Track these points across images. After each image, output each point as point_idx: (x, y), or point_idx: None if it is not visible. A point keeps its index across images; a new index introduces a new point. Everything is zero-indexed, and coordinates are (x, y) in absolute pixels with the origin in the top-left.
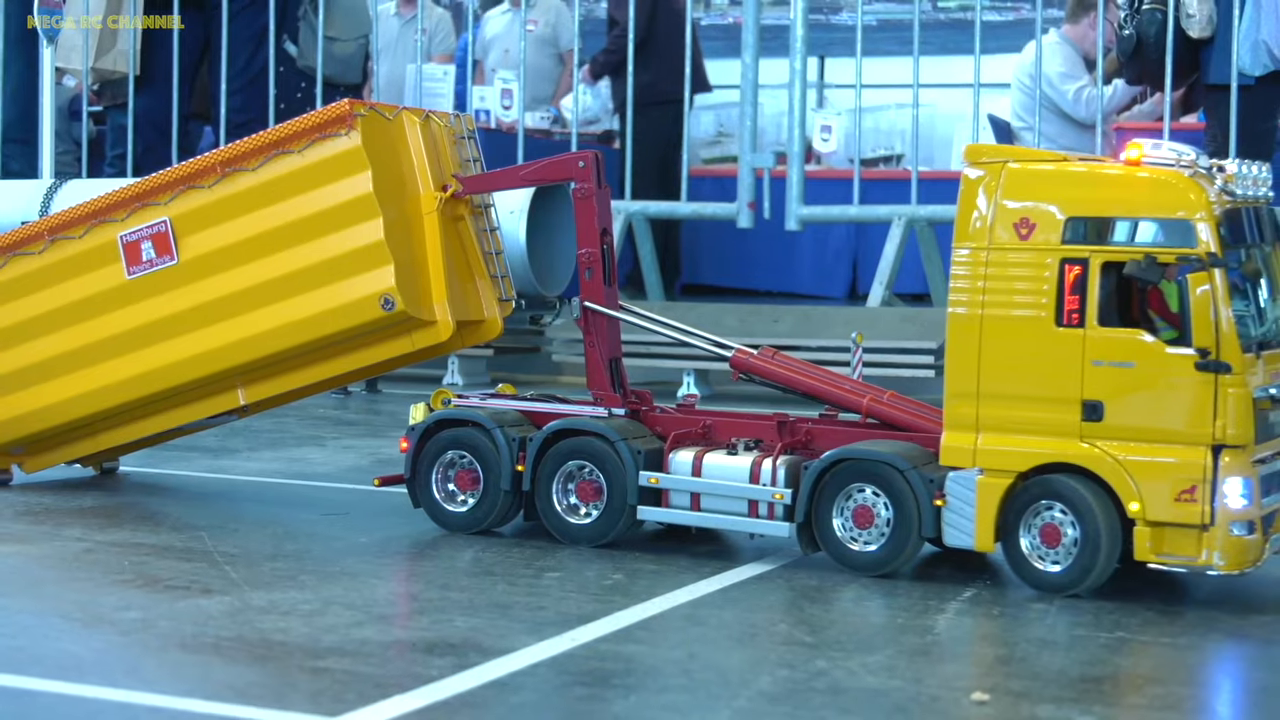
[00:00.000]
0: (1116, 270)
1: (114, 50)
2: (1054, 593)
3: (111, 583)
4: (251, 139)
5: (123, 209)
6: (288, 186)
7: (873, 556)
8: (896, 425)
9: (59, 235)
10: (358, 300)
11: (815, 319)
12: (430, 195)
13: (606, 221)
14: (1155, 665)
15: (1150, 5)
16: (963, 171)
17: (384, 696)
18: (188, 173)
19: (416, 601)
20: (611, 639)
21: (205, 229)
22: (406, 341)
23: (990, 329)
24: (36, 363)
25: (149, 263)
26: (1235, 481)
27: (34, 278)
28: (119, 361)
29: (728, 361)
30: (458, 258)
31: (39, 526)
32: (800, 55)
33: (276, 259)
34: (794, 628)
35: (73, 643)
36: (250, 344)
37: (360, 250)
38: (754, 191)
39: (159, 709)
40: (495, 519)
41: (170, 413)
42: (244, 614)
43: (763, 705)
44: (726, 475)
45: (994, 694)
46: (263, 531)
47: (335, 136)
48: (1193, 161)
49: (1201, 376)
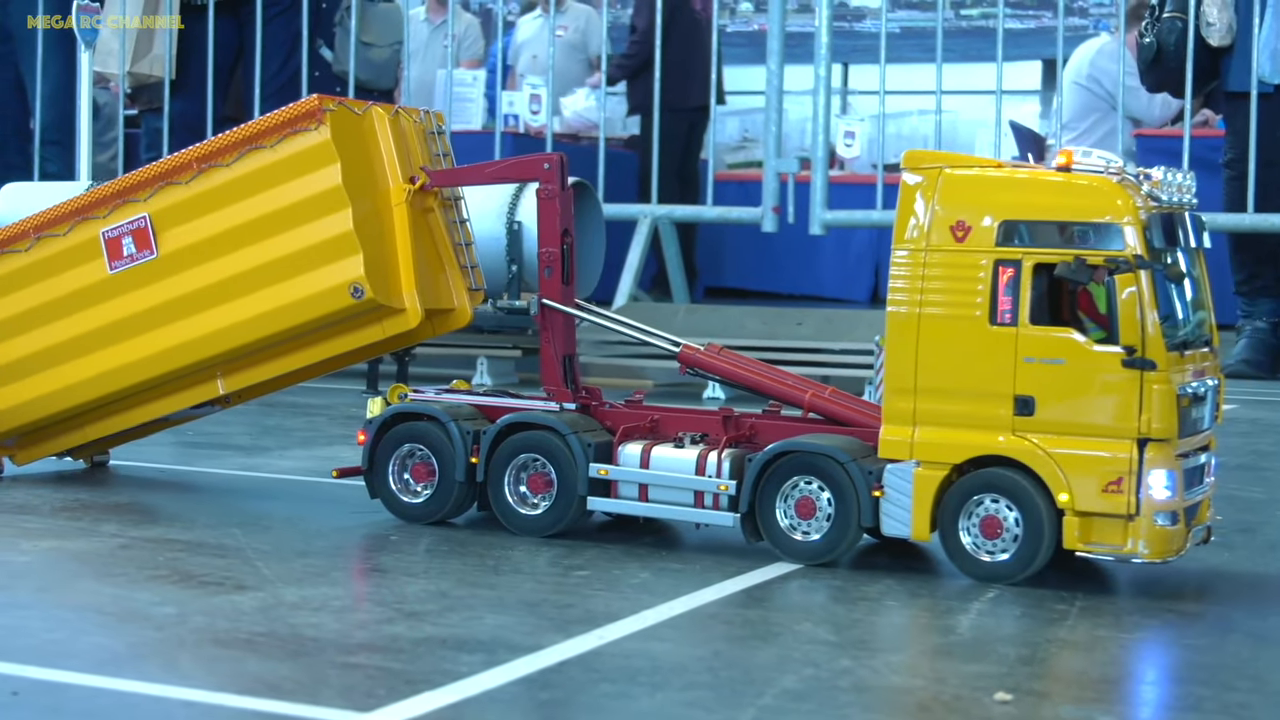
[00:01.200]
0: (1047, 272)
1: (150, 55)
2: (996, 582)
3: (146, 578)
4: (226, 135)
5: (105, 206)
6: (260, 181)
7: (814, 546)
8: (838, 420)
9: (44, 233)
10: (328, 289)
11: (838, 322)
12: (399, 187)
13: (568, 222)
14: (1176, 666)
15: (1170, 13)
16: (901, 177)
17: (414, 692)
18: (166, 169)
19: (446, 599)
20: (638, 637)
21: (183, 224)
22: (378, 329)
23: (927, 327)
24: (24, 357)
25: (130, 258)
26: (1159, 474)
27: (21, 275)
28: (102, 354)
29: (675, 357)
30: (427, 248)
31: (75, 522)
32: (825, 62)
33: (251, 251)
34: (818, 626)
35: (108, 637)
36: (227, 334)
37: (330, 241)
38: (778, 196)
39: (193, 703)
40: (450, 510)
41: (154, 404)
42: (276, 610)
43: (787, 703)
44: (673, 467)
45: (1016, 694)
46: (294, 528)
47: (305, 131)
48: (1120, 169)
49: (1128, 373)
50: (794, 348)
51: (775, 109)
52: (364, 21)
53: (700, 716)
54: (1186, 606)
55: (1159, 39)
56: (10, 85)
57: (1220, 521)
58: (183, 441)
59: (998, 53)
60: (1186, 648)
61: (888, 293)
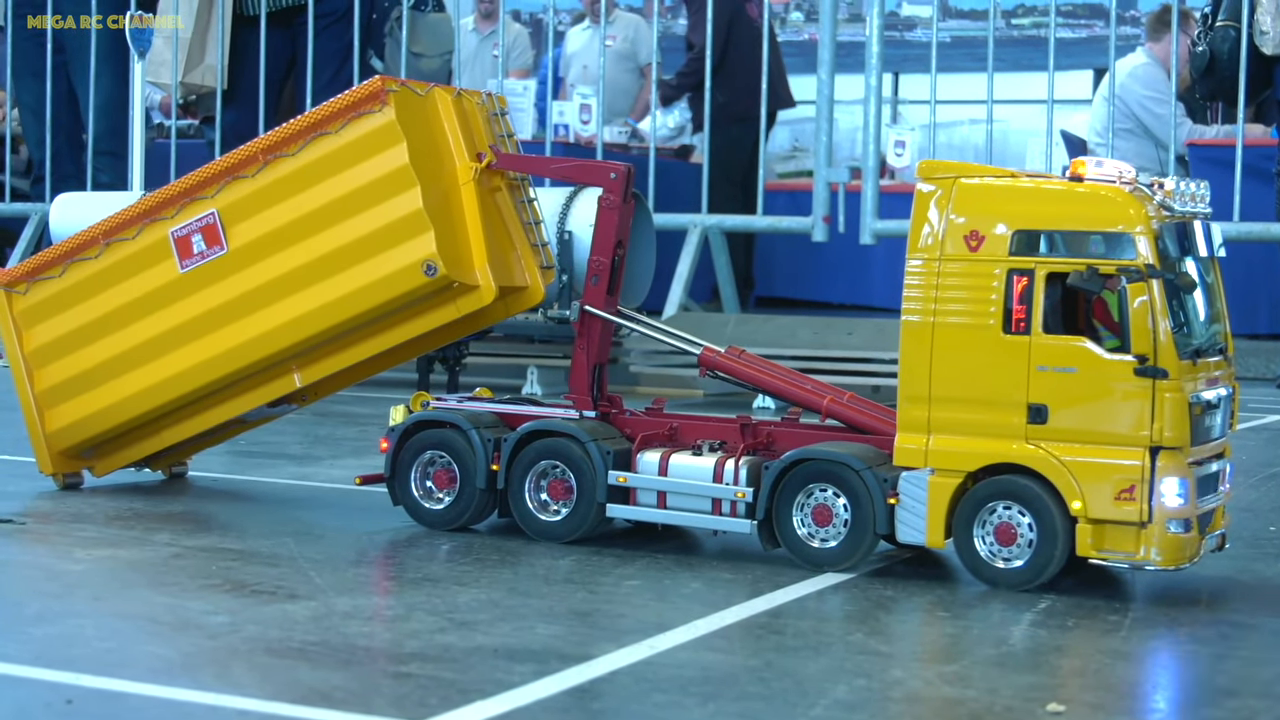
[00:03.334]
0: (1061, 281)
1: (202, 65)
2: (1012, 589)
3: (199, 587)
4: (289, 125)
5: (172, 206)
6: (327, 166)
7: (832, 553)
8: (855, 426)
9: (113, 238)
10: (401, 269)
11: (889, 332)
12: (466, 166)
13: (624, 234)
14: (1231, 679)
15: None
16: (916, 186)
17: (466, 702)
18: (232, 164)
19: (498, 608)
20: (689, 647)
21: (252, 216)
22: (452, 309)
23: (941, 336)
24: (99, 364)
25: (200, 255)
26: (1172, 482)
27: (92, 282)
28: (177, 354)
29: (696, 359)
30: (497, 227)
31: (129, 531)
32: (875, 71)
33: (321, 238)
34: (869, 637)
35: (162, 646)
36: (301, 323)
37: (400, 221)
38: (829, 205)
39: (246, 712)
40: (471, 516)
41: (230, 403)
42: (329, 619)
43: (839, 713)
44: (691, 475)
45: (1069, 705)
46: (346, 538)
47: (369, 114)
48: (1133, 179)
49: (1140, 382)
50: (845, 357)
51: (826, 118)
52: (414, 32)
53: None
54: (1240, 618)
55: (1211, 48)
56: (63, 96)
57: (1274, 533)
58: (235, 451)
59: (1049, 62)
60: (1241, 659)
61: (902, 302)
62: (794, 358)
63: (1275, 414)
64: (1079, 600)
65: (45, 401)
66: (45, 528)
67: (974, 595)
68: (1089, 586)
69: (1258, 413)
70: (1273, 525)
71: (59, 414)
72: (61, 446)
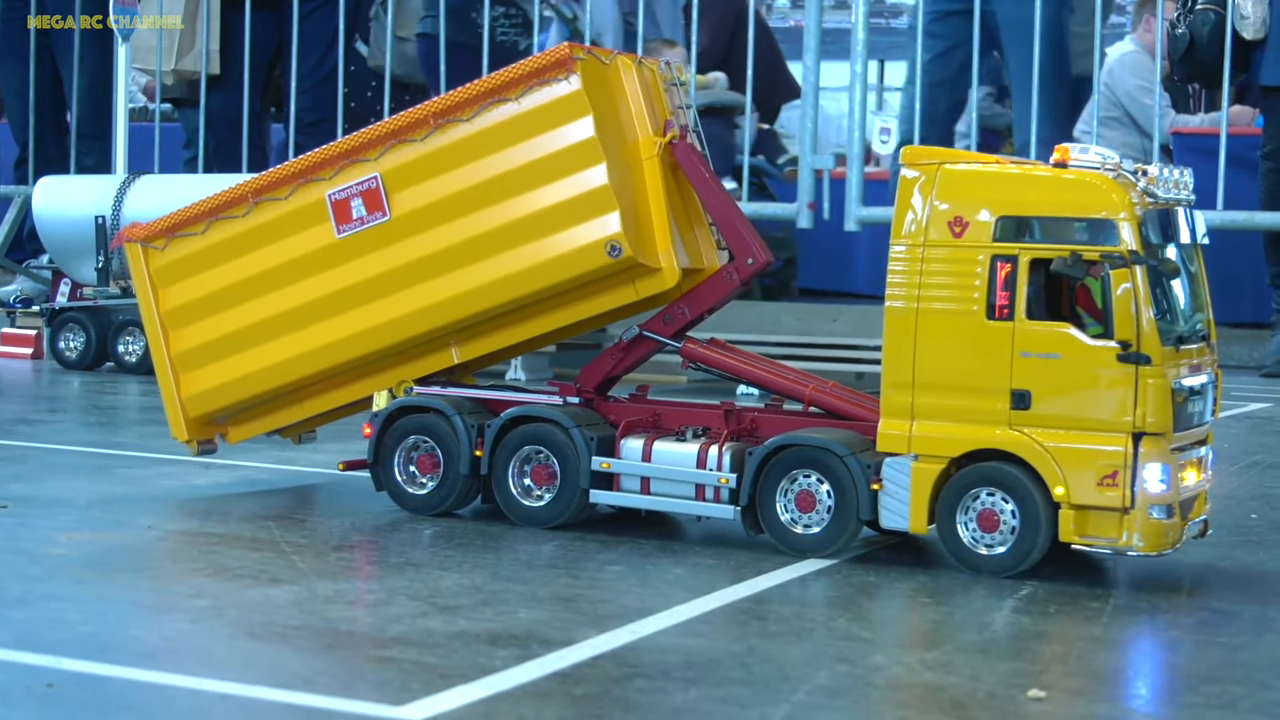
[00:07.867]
0: (1044, 267)
1: (193, 51)
2: (994, 575)
3: (182, 571)
4: (464, 89)
5: (330, 167)
6: (505, 136)
7: (815, 539)
8: (837, 414)
9: (263, 197)
10: (582, 248)
11: (873, 319)
12: (649, 140)
13: (718, 308)
14: (1212, 665)
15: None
16: (900, 172)
17: (448, 686)
18: (398, 126)
19: (480, 593)
20: (672, 632)
21: (419, 183)
22: (630, 290)
23: (925, 322)
24: (244, 328)
25: (360, 220)
26: (1154, 467)
27: (238, 241)
28: (330, 323)
29: (679, 352)
30: (676, 205)
31: (111, 514)
32: (861, 59)
33: (495, 210)
34: (852, 623)
35: (144, 630)
36: (468, 298)
37: (583, 197)
38: (814, 192)
39: (228, 696)
40: (455, 501)
41: (380, 375)
42: (311, 603)
43: (821, 699)
44: (675, 461)
45: (1050, 691)
46: (329, 522)
47: (554, 82)
48: (1117, 165)
49: (1123, 368)
50: (829, 344)
51: (811, 105)
52: (399, 16)
53: (734, 712)
54: (1222, 605)
55: (1191, 30)
56: (47, 80)
57: (1256, 520)
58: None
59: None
60: (1221, 646)
61: (886, 288)
62: (778, 344)
63: (1258, 401)
64: (1061, 587)
65: (182, 365)
66: (27, 510)
67: (956, 581)
68: (1071, 573)
69: (1240, 400)
70: (1254, 513)
71: (197, 378)
72: (199, 413)
